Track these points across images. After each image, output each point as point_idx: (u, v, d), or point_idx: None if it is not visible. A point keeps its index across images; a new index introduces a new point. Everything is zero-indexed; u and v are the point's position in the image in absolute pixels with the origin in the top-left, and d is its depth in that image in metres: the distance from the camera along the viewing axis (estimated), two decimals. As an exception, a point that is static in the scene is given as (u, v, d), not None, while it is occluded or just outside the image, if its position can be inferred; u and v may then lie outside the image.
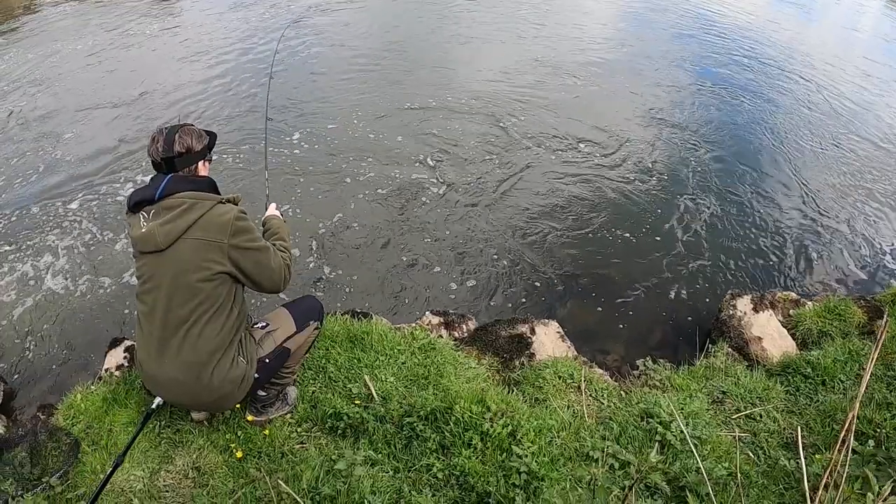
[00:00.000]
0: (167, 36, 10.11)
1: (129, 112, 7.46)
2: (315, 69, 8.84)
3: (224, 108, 7.60)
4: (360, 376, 3.40)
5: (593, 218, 5.89)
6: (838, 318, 4.38)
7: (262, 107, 6.94)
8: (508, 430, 2.99)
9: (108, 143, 6.72)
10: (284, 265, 2.80)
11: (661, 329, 4.71)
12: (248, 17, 10.95)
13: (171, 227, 2.50)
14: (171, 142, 2.61)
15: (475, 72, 8.98)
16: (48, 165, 6.34)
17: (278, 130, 6.97)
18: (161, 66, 8.87)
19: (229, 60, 9.03)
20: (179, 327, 2.58)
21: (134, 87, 8.11)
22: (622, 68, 9.60)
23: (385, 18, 11.28)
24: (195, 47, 9.59)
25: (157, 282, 2.57)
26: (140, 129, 7.00)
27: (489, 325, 4.09)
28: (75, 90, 8.05)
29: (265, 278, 2.72)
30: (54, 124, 7.17)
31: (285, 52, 9.17)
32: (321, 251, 5.23)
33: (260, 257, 2.66)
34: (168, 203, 2.53)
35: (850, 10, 15.96)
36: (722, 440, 3.25)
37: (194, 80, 8.34)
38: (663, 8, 13.29)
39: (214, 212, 2.56)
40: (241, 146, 6.67)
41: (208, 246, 2.53)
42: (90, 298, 4.71)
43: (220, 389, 2.69)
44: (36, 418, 3.27)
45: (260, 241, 2.69)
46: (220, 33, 10.23)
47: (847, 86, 9.82)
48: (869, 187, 6.92)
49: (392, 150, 6.78)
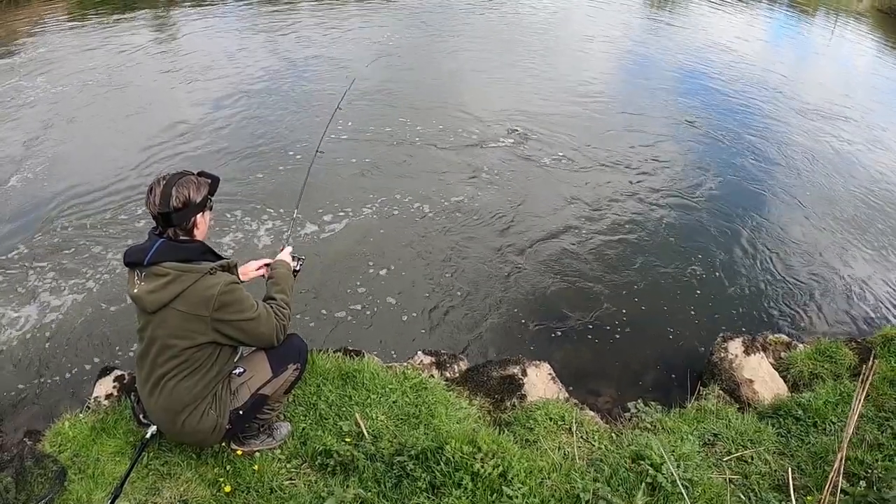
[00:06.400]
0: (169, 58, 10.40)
1: (133, 141, 7.59)
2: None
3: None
4: (351, 414, 3.40)
5: (585, 260, 5.95)
6: (829, 360, 4.40)
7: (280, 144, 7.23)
8: (499, 470, 2.97)
9: (109, 173, 6.83)
10: (278, 325, 2.83)
11: (653, 371, 4.71)
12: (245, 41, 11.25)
13: (156, 297, 2.56)
14: (167, 196, 2.57)
15: (454, 118, 9.16)
16: (42, 191, 6.45)
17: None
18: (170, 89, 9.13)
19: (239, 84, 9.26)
20: (160, 378, 2.69)
21: (141, 109, 8.37)
22: (616, 117, 9.78)
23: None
24: (197, 69, 9.92)
25: (148, 334, 2.68)
26: (141, 162, 7.12)
27: (481, 366, 4.10)
28: (79, 112, 8.26)
29: (255, 341, 2.81)
30: (49, 149, 7.31)
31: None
32: (314, 288, 5.26)
33: (247, 326, 2.70)
34: (155, 271, 2.57)
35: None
36: (713, 482, 3.23)
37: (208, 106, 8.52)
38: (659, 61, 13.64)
39: (200, 285, 2.58)
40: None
41: (192, 318, 2.59)
42: (80, 326, 4.73)
43: (194, 436, 2.83)
44: (22, 444, 3.22)
45: (247, 312, 2.68)
46: (221, 54, 10.61)
47: (842, 132, 10.02)
48: (859, 233, 7.01)
49: (380, 185, 6.86)
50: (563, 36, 14.08)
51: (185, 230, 2.67)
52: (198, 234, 2.74)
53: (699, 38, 15.01)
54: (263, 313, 2.76)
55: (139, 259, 2.59)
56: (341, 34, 12.70)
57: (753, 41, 15.95)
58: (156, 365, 2.68)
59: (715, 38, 15.09)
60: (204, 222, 2.76)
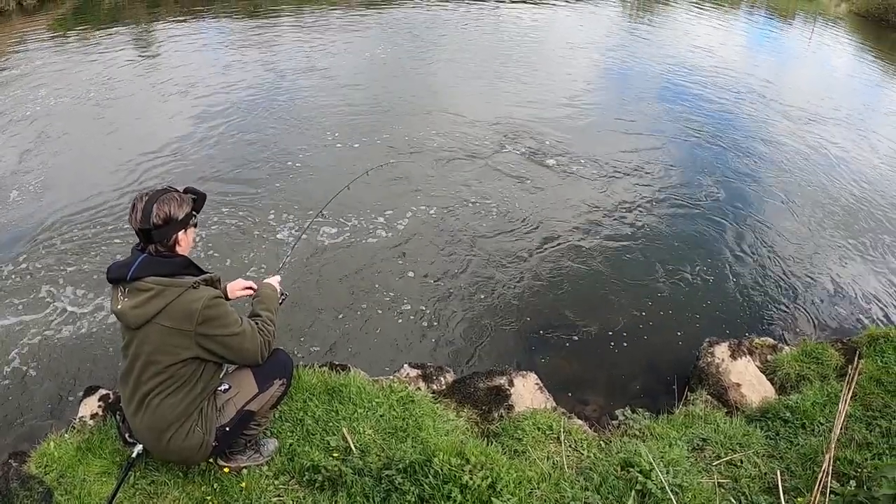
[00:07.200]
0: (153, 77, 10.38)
1: (121, 157, 7.55)
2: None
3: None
4: (339, 428, 3.37)
5: (569, 269, 5.96)
6: (816, 361, 4.43)
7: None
8: (488, 482, 2.96)
9: (94, 191, 6.78)
10: (263, 342, 2.81)
11: (641, 378, 4.73)
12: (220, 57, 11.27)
13: (140, 312, 2.55)
14: (148, 213, 2.56)
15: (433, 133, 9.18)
16: (28, 209, 6.41)
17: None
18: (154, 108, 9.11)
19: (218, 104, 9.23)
20: (145, 396, 2.67)
21: (128, 124, 8.38)
22: (600, 129, 9.84)
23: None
24: (180, 88, 9.88)
25: (132, 351, 2.66)
26: (128, 179, 7.08)
27: (467, 378, 4.09)
28: (68, 128, 8.26)
29: (239, 358, 2.78)
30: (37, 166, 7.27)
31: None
32: (299, 302, 5.23)
33: (231, 342, 2.68)
34: (138, 286, 2.56)
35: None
36: (703, 487, 3.23)
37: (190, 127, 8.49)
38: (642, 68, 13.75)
39: (183, 299, 2.56)
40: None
41: (175, 333, 2.57)
42: (65, 346, 4.69)
43: (180, 454, 2.80)
44: (8, 465, 3.18)
45: (231, 327, 2.67)
46: (206, 68, 10.65)
47: (825, 134, 10.16)
48: (844, 233, 7.08)
49: (362, 200, 6.84)
50: (553, 46, 14.17)
51: (167, 246, 2.66)
52: (180, 249, 2.72)
53: (682, 45, 15.19)
54: (248, 329, 2.75)
55: (122, 275, 2.58)
56: (326, 46, 12.75)
57: (735, 47, 16.20)
58: (140, 382, 2.66)
59: (698, 45, 15.29)
60: (186, 238, 2.75)
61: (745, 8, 23.14)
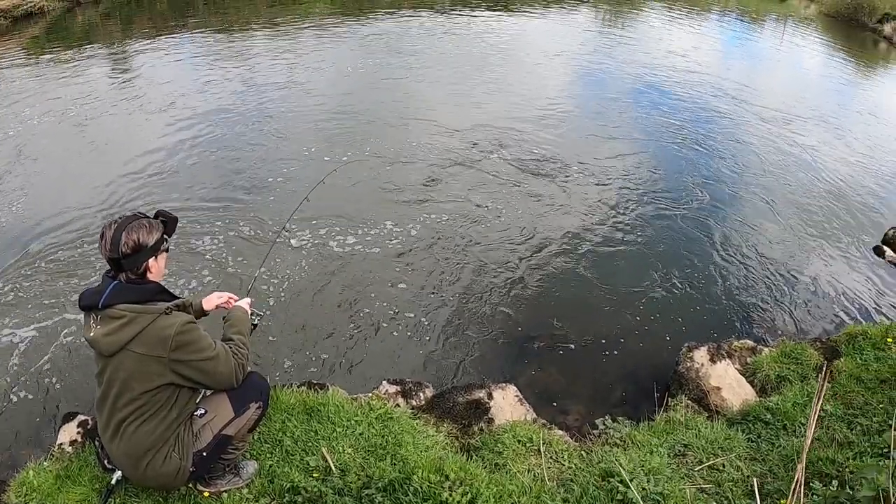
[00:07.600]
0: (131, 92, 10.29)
1: (97, 179, 7.44)
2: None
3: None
4: (318, 448, 3.35)
5: (544, 279, 5.95)
6: (795, 362, 4.46)
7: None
8: (468, 498, 2.94)
9: (72, 214, 6.69)
10: (237, 364, 2.78)
11: (620, 386, 4.72)
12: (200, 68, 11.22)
13: (113, 339, 2.53)
14: (117, 241, 2.54)
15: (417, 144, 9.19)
16: (4, 232, 6.32)
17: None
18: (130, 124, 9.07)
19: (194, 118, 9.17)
20: (120, 423, 2.65)
21: (106, 143, 8.31)
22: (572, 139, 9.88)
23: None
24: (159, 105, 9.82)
25: (107, 378, 2.64)
26: (105, 201, 6.97)
27: (446, 392, 4.06)
28: (45, 148, 8.16)
29: (214, 382, 2.75)
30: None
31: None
32: (274, 321, 5.19)
33: (206, 366, 2.65)
34: (110, 313, 2.54)
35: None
36: (685, 494, 3.22)
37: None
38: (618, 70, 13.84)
39: (156, 325, 2.54)
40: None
41: (149, 359, 2.55)
42: (43, 372, 4.61)
43: (158, 479, 2.78)
44: (-14, 494, 3.14)
45: (205, 352, 2.64)
46: (182, 85, 10.59)
47: (800, 134, 10.28)
48: (823, 232, 7.15)
49: (341, 212, 6.82)
50: (528, 54, 14.22)
51: (138, 274, 2.64)
52: (151, 276, 2.70)
53: (657, 50, 15.28)
54: (222, 353, 2.72)
55: (94, 302, 2.56)
56: (298, 60, 12.71)
57: (709, 50, 16.35)
58: (115, 409, 2.64)
59: (672, 49, 15.41)
60: (157, 265, 2.72)
61: (716, 11, 23.39)
